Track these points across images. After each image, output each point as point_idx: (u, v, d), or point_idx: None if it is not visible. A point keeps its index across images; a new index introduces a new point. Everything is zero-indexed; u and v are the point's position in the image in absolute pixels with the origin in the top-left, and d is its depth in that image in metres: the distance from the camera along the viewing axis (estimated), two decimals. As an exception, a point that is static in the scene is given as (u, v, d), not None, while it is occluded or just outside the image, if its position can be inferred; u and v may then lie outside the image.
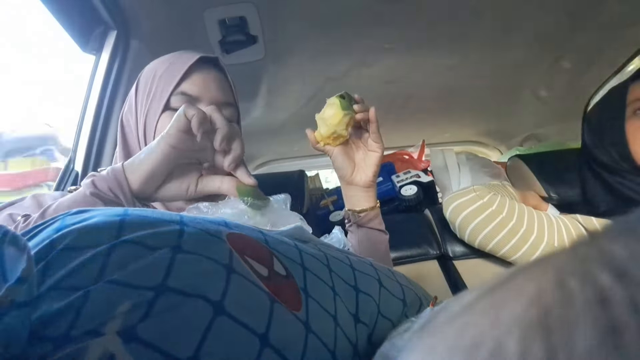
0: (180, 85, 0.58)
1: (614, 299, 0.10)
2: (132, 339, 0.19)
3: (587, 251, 0.12)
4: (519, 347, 0.11)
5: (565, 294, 0.11)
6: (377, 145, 0.65)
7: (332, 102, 0.62)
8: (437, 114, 1.68)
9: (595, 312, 0.10)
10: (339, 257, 0.40)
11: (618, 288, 0.10)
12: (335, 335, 0.31)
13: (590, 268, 0.12)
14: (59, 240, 0.21)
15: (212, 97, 0.59)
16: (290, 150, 1.89)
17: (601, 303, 0.10)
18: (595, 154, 0.91)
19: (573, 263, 0.12)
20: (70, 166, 0.95)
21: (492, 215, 0.81)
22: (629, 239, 0.12)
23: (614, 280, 0.11)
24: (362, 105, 0.63)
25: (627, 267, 0.11)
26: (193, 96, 0.58)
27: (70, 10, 0.86)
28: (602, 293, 0.11)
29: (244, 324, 0.24)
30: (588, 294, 0.11)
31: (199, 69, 0.60)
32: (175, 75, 0.58)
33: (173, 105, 0.58)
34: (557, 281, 0.12)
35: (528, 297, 0.12)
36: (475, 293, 0.15)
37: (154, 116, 0.58)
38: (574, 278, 0.11)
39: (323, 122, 0.63)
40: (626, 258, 0.11)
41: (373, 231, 0.69)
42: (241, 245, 0.28)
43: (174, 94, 0.58)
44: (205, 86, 0.59)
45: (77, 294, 0.19)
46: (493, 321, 0.12)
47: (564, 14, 1.12)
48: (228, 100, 0.62)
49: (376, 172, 0.67)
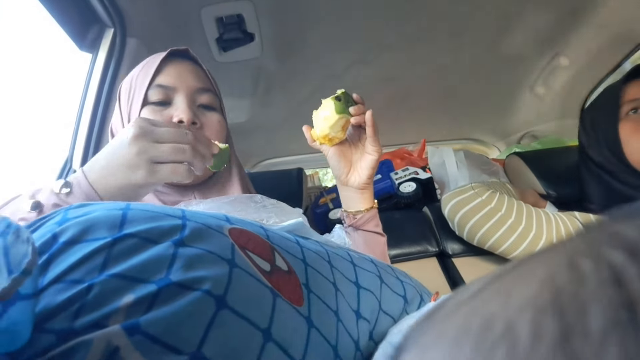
0: (155, 79, 0.60)
1: (628, 276, 0.10)
2: (136, 332, 0.19)
3: (597, 234, 0.12)
4: (531, 327, 0.11)
5: (578, 274, 0.11)
6: (374, 149, 0.63)
7: (327, 103, 0.60)
8: (436, 112, 1.68)
9: (610, 290, 0.10)
10: (340, 253, 0.40)
11: (631, 266, 0.10)
12: (337, 331, 0.31)
13: (601, 249, 0.12)
14: (61, 233, 0.21)
15: (188, 85, 0.61)
16: (289, 148, 1.89)
17: (615, 281, 0.10)
18: (591, 153, 0.91)
19: (584, 245, 0.12)
20: (68, 165, 0.94)
21: (491, 213, 0.81)
22: (637, 221, 0.12)
23: (627, 259, 0.11)
24: (359, 108, 0.60)
25: (638, 246, 0.11)
26: (169, 87, 0.60)
27: (67, 8, 0.85)
28: (615, 271, 0.11)
29: (246, 318, 0.24)
30: (602, 273, 0.11)
31: (172, 62, 0.62)
32: (149, 71, 0.60)
33: (151, 99, 0.60)
34: (568, 263, 0.12)
35: (539, 279, 0.12)
36: (483, 281, 0.14)
37: (135, 113, 0.59)
38: (587, 259, 0.11)
39: (318, 123, 0.61)
40: (637, 238, 0.11)
41: (369, 233, 0.68)
42: (243, 240, 0.28)
43: (150, 87, 0.60)
44: (179, 76, 0.61)
45: (81, 287, 0.19)
46: (503, 303, 0.12)
47: (563, 11, 1.13)
48: (205, 87, 0.63)
49: (371, 175, 0.65)
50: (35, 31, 1.00)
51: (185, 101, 0.59)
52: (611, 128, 0.86)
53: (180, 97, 0.60)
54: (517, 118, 1.72)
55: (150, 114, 0.59)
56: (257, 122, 1.55)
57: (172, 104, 0.60)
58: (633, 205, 0.14)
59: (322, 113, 0.60)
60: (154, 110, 0.59)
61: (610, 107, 0.87)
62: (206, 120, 0.62)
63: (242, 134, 1.62)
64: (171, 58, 0.63)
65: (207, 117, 0.62)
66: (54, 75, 1.15)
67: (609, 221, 0.13)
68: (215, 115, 0.63)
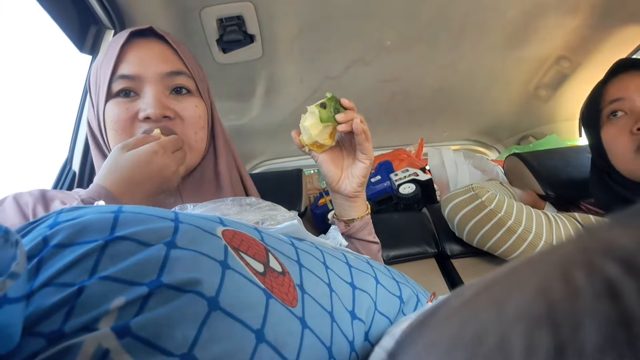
0: (117, 69, 0.55)
1: (624, 292, 0.10)
2: (127, 334, 0.19)
3: (592, 242, 0.12)
4: (525, 341, 0.10)
5: (572, 287, 0.11)
6: (364, 156, 0.59)
7: (312, 111, 0.57)
8: (435, 113, 1.68)
9: (605, 305, 0.10)
10: (335, 254, 0.40)
11: (627, 280, 0.10)
12: (332, 332, 0.31)
13: (596, 259, 0.11)
14: (52, 237, 0.21)
15: (155, 71, 0.55)
16: (288, 150, 1.89)
17: (610, 296, 0.10)
18: (591, 152, 0.90)
19: (579, 255, 0.12)
20: (67, 166, 0.94)
21: (490, 214, 0.81)
22: (633, 229, 0.12)
23: (622, 272, 0.10)
24: (347, 114, 0.56)
25: (634, 258, 0.10)
26: (132, 76, 0.55)
27: (67, 10, 0.86)
28: (610, 285, 0.10)
29: (239, 320, 0.24)
30: (595, 286, 0.10)
31: (135, 46, 0.56)
32: (110, 60, 0.55)
33: (115, 91, 0.55)
34: (562, 273, 0.11)
35: (533, 290, 0.11)
36: (477, 286, 0.14)
37: (102, 107, 0.56)
38: (579, 270, 0.11)
39: (304, 130, 0.58)
40: (632, 248, 0.11)
41: (361, 242, 0.65)
42: (236, 242, 0.28)
43: (113, 80, 0.55)
44: (143, 63, 0.55)
45: (71, 289, 0.19)
46: (497, 314, 0.12)
47: (563, 13, 1.13)
48: (175, 69, 0.57)
49: (363, 183, 0.62)
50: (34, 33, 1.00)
51: (152, 92, 0.55)
52: (594, 135, 0.84)
53: (147, 87, 0.55)
54: (517, 119, 1.72)
55: (115, 107, 0.55)
56: (257, 123, 1.55)
57: (141, 95, 0.56)
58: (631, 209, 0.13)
59: (307, 120, 0.57)
60: (118, 103, 0.55)
61: (593, 112, 0.83)
62: (181, 108, 0.57)
63: (242, 136, 1.62)
64: (135, 40, 0.57)
65: (182, 103, 0.57)
66: (53, 76, 1.16)
67: (606, 227, 0.13)
68: (191, 99, 0.58)
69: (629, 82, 0.78)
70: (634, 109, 0.76)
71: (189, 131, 0.57)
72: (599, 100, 0.82)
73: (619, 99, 0.78)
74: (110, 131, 0.56)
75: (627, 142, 0.76)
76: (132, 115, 0.55)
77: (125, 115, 0.55)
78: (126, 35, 0.56)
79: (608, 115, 0.80)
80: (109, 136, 0.56)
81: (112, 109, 0.55)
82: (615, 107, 0.79)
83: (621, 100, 0.78)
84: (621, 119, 0.78)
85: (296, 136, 0.62)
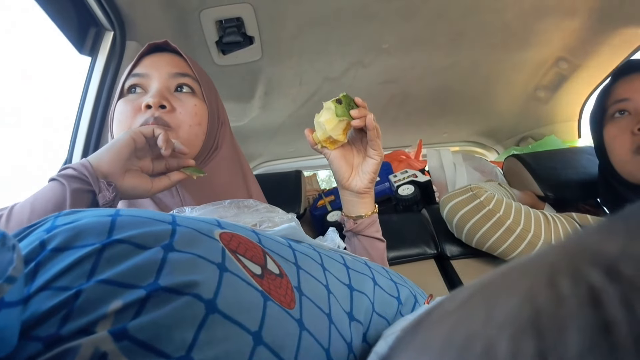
0: (132, 70, 0.62)
1: (605, 299, 0.10)
2: (124, 337, 0.19)
3: (577, 248, 0.12)
4: (510, 347, 0.10)
5: (557, 293, 0.11)
6: (375, 153, 0.62)
7: (327, 107, 0.60)
8: (435, 114, 1.68)
9: (587, 312, 0.10)
10: (333, 256, 0.40)
11: (609, 287, 0.10)
12: (330, 333, 0.31)
13: (580, 266, 0.11)
14: (49, 241, 0.21)
15: (162, 72, 0.61)
16: (288, 151, 1.89)
17: (593, 303, 0.10)
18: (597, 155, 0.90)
19: (564, 261, 0.12)
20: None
21: (489, 214, 0.81)
22: (619, 235, 0.12)
23: (605, 279, 0.10)
24: (360, 111, 0.59)
25: (617, 265, 0.11)
26: (142, 74, 0.61)
27: (67, 12, 0.86)
28: (593, 292, 0.10)
29: (236, 322, 0.24)
30: (579, 293, 0.10)
31: (150, 55, 0.64)
32: (128, 66, 0.63)
33: (126, 86, 0.62)
34: (548, 279, 0.11)
35: (520, 295, 0.12)
36: (468, 291, 0.14)
37: (114, 105, 0.62)
38: (565, 276, 0.11)
39: (319, 126, 0.61)
40: (616, 255, 0.11)
41: (368, 239, 0.67)
42: (234, 244, 0.28)
43: (126, 80, 0.62)
44: (153, 65, 0.62)
45: (68, 293, 0.19)
46: (485, 320, 0.12)
47: (562, 15, 1.13)
48: (181, 71, 0.63)
49: (373, 180, 0.64)
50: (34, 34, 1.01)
51: (157, 86, 0.60)
52: (597, 134, 0.84)
53: (154, 83, 0.60)
54: (516, 121, 1.72)
55: (123, 103, 0.60)
56: (256, 125, 1.56)
57: (147, 91, 0.61)
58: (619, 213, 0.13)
59: (323, 116, 0.60)
60: (127, 100, 0.61)
61: (597, 111, 0.84)
62: (179, 104, 0.60)
63: (241, 137, 1.62)
64: (150, 52, 0.64)
65: (183, 100, 0.61)
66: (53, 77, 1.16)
67: (593, 232, 0.13)
68: (192, 98, 0.62)
69: (637, 84, 0.79)
70: (638, 109, 0.77)
71: (183, 123, 0.60)
72: (604, 99, 0.83)
73: (624, 99, 0.79)
74: (114, 122, 0.61)
75: (627, 142, 0.77)
76: (136, 107, 0.59)
77: (130, 107, 0.59)
78: (145, 47, 0.64)
79: (612, 114, 0.81)
80: (113, 127, 0.61)
81: (121, 105, 0.60)
82: (620, 106, 0.79)
83: (627, 100, 0.78)
84: (624, 119, 0.78)
85: (309, 134, 0.64)
